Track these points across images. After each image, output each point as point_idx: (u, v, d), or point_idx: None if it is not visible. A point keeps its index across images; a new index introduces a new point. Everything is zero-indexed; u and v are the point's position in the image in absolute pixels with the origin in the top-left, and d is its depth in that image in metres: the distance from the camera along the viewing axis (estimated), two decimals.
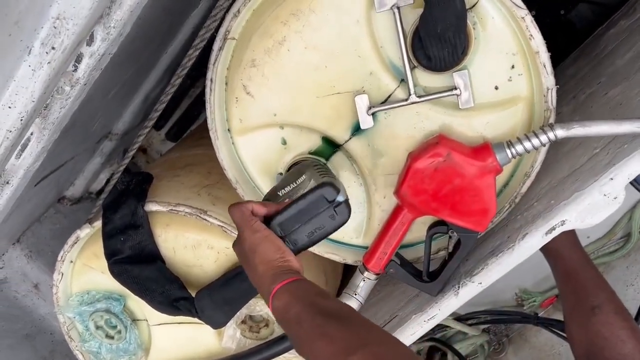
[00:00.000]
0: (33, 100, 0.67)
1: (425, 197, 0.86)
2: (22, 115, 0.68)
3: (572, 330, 1.18)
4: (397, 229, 0.91)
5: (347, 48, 0.85)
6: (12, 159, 0.88)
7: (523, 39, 0.80)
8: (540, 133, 0.81)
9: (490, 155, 0.82)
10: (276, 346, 0.99)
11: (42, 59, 0.62)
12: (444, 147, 0.83)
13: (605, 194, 0.79)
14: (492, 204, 0.84)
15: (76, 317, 1.17)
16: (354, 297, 0.95)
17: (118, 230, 1.00)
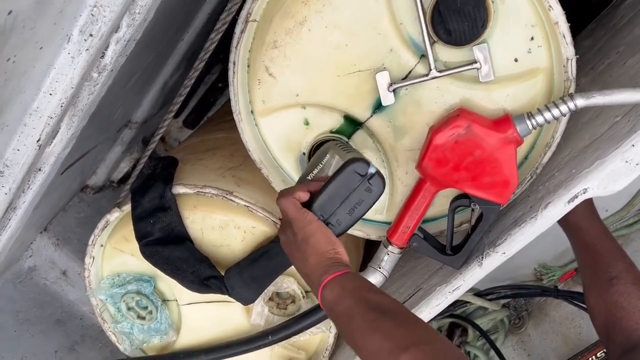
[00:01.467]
0: (72, 87, 0.69)
1: (446, 169, 0.87)
2: (62, 102, 0.70)
3: (591, 301, 1.20)
4: (419, 203, 0.93)
5: (367, 26, 0.87)
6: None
7: (542, 10, 0.81)
8: (560, 103, 0.82)
9: (511, 127, 0.83)
10: (304, 320, 1.02)
11: (81, 47, 0.64)
12: (464, 120, 0.84)
13: (627, 160, 0.80)
14: (514, 176, 0.86)
15: (108, 299, 1.21)
16: (379, 270, 0.98)
17: (147, 213, 1.03)
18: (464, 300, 1.78)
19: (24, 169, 0.79)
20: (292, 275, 1.08)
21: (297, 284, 1.08)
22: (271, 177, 1.02)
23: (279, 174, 1.02)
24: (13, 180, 0.80)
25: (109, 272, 1.19)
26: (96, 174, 1.81)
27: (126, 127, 1.72)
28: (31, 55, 0.60)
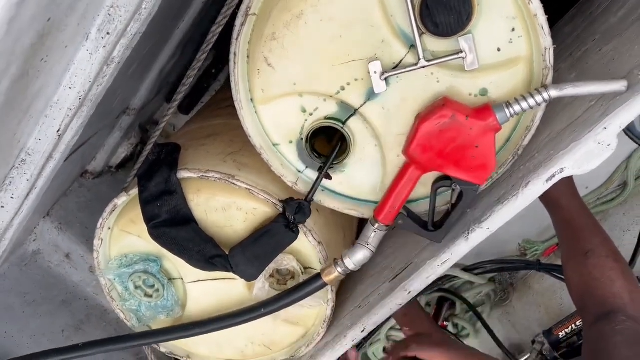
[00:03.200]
0: (90, 80, 0.75)
1: (431, 155, 0.94)
2: (80, 95, 0.76)
3: (569, 273, 1.28)
4: (405, 185, 1.00)
5: (359, 18, 0.92)
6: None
7: (522, 3, 0.87)
8: (535, 94, 0.89)
9: (491, 115, 0.90)
10: (297, 292, 1.10)
11: (99, 44, 0.69)
12: (449, 109, 0.91)
13: (599, 142, 0.88)
14: (492, 160, 0.93)
15: (116, 278, 1.26)
16: (367, 247, 1.05)
17: (154, 196, 1.09)
18: (452, 275, 1.87)
19: (45, 157, 0.85)
20: (292, 253, 1.15)
21: (296, 261, 1.15)
22: (270, 162, 1.08)
23: (277, 158, 1.09)
24: (35, 167, 0.86)
25: (116, 253, 1.25)
26: (95, 160, 1.86)
27: (124, 114, 1.77)
28: (58, 54, 0.66)
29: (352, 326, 1.15)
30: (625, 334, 1.08)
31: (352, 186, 1.10)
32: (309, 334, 1.27)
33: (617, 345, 1.06)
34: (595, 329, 1.15)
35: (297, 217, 1.07)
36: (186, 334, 1.20)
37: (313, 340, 1.25)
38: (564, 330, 1.62)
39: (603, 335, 1.12)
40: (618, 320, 1.11)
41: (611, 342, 1.08)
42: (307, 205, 1.07)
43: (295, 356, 1.30)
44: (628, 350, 1.05)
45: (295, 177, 1.10)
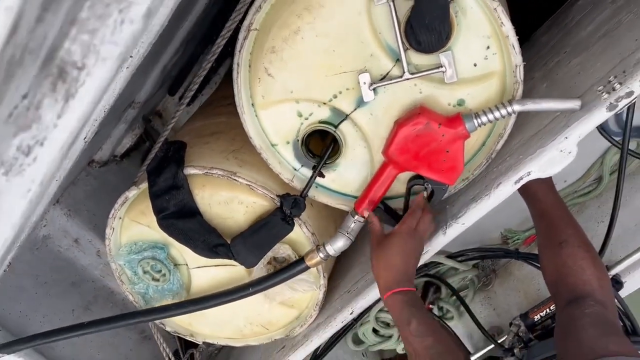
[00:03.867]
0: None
1: (407, 156, 1.07)
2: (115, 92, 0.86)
3: (544, 262, 1.40)
4: (383, 182, 1.12)
5: (351, 35, 1.02)
6: None
7: (496, 25, 0.97)
8: (501, 107, 1.00)
9: (460, 124, 1.02)
10: (283, 273, 1.22)
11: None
12: (424, 117, 1.03)
13: (561, 150, 0.99)
14: (460, 164, 1.05)
15: (126, 264, 1.38)
16: (347, 235, 1.17)
17: (163, 191, 1.20)
18: (437, 261, 1.98)
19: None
20: (288, 243, 1.26)
21: (292, 249, 1.27)
22: (269, 160, 1.19)
23: (275, 157, 1.19)
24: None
25: (126, 240, 1.36)
26: (101, 150, 1.96)
27: (129, 107, 1.87)
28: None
29: (342, 309, 1.27)
30: (592, 317, 1.20)
31: (343, 183, 1.21)
32: (303, 316, 1.40)
33: (585, 326, 1.18)
34: (566, 312, 1.27)
35: (292, 211, 1.18)
36: (182, 311, 1.31)
37: (306, 321, 1.38)
38: (539, 313, 1.74)
39: (573, 318, 1.23)
40: (587, 304, 1.23)
41: (579, 324, 1.20)
42: (302, 201, 1.18)
43: (290, 335, 1.42)
44: (594, 331, 1.16)
45: (291, 174, 1.21)
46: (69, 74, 0.38)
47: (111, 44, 0.38)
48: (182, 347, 1.67)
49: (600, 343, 1.10)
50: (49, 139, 0.45)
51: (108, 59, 0.39)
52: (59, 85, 0.38)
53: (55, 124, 0.43)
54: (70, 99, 0.40)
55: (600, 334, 1.13)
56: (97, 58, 0.39)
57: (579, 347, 1.12)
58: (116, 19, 0.37)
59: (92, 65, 0.39)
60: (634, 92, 0.91)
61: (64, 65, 0.37)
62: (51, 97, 0.39)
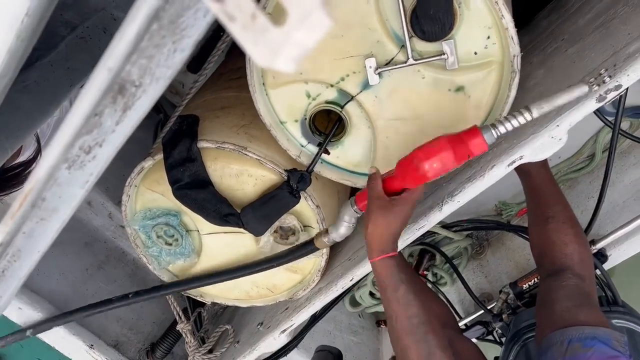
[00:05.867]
0: None
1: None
2: None
3: (531, 235, 1.49)
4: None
5: (359, 21, 1.08)
6: None
7: (497, 16, 1.03)
8: (518, 115, 0.96)
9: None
10: (295, 254, 1.30)
11: None
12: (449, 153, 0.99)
13: (552, 136, 1.06)
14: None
15: (140, 229, 1.46)
16: (349, 225, 1.18)
17: (178, 163, 1.27)
18: (432, 230, 2.08)
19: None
20: (294, 214, 1.34)
21: (297, 220, 1.35)
22: (278, 137, 1.26)
23: (284, 135, 1.26)
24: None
25: (141, 207, 1.44)
26: None
27: None
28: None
29: (342, 275, 1.36)
30: (568, 289, 1.29)
31: (347, 160, 1.28)
32: (306, 281, 1.49)
33: (560, 298, 1.27)
34: (546, 283, 1.37)
35: (299, 185, 1.26)
36: (214, 280, 1.42)
37: (309, 286, 1.47)
38: (527, 282, 1.84)
39: (551, 289, 1.33)
40: (565, 277, 1.32)
41: (555, 295, 1.29)
42: (307, 176, 1.25)
43: (293, 298, 1.52)
44: (568, 302, 1.26)
45: (298, 150, 1.28)
46: (128, 90, 0.45)
47: (164, 67, 0.45)
48: (191, 306, 1.78)
49: (570, 313, 1.19)
50: (107, 141, 0.52)
51: (161, 79, 0.46)
52: (118, 98, 0.45)
53: (113, 130, 0.50)
54: (127, 110, 0.47)
55: (573, 305, 1.22)
56: (152, 78, 0.45)
57: (551, 316, 1.22)
58: (170, 48, 0.44)
59: (147, 84, 0.45)
60: (622, 86, 0.97)
61: (124, 82, 0.44)
62: (111, 108, 0.46)
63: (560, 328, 1.17)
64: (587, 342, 1.11)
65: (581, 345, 1.11)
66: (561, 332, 1.16)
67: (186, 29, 0.44)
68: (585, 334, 1.13)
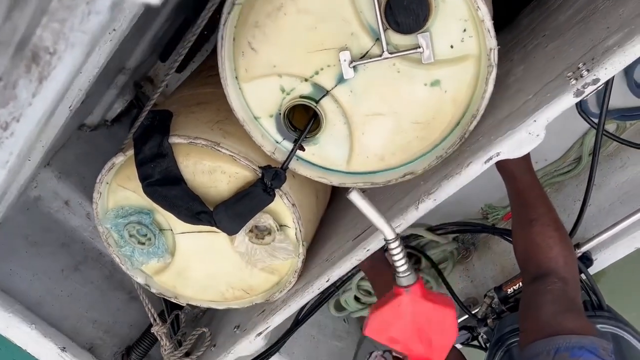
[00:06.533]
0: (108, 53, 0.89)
1: None
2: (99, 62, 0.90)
3: (515, 238, 1.45)
4: None
5: (333, 13, 1.05)
6: None
7: (473, 9, 1.00)
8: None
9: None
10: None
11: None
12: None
13: (530, 132, 1.03)
14: None
15: (112, 227, 1.42)
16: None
17: (148, 158, 1.24)
18: (417, 234, 2.05)
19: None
20: (269, 212, 1.31)
21: (273, 219, 1.31)
22: (252, 133, 1.22)
23: (258, 130, 1.23)
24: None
25: (113, 205, 1.41)
26: (92, 114, 1.99)
27: (120, 73, 1.89)
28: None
29: (319, 277, 1.33)
30: (553, 293, 1.26)
31: (323, 157, 1.25)
32: (282, 282, 1.46)
33: (545, 303, 1.24)
34: (530, 287, 1.33)
35: (273, 182, 1.22)
36: None
37: (285, 287, 1.44)
38: (512, 287, 1.81)
39: (536, 293, 1.30)
40: (550, 281, 1.29)
41: (540, 300, 1.26)
42: (282, 173, 1.22)
43: (270, 300, 1.48)
44: (553, 307, 1.23)
45: (273, 147, 1.25)
46: (42, 58, 0.42)
47: (80, 32, 0.42)
48: (168, 309, 1.74)
49: (555, 320, 1.16)
50: (25, 115, 0.49)
51: (77, 45, 0.43)
52: (32, 67, 0.42)
53: (30, 102, 0.46)
54: (43, 80, 0.44)
55: (558, 311, 1.19)
56: (67, 44, 0.42)
57: (536, 322, 1.19)
58: (83, 10, 0.41)
59: (62, 51, 0.42)
60: (600, 80, 0.95)
61: (37, 50, 0.41)
62: (26, 78, 0.43)
63: (547, 336, 1.14)
64: (575, 352, 1.09)
65: (568, 355, 1.09)
66: (547, 341, 1.13)
67: None
68: (572, 343, 1.10)
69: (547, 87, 1.04)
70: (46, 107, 0.50)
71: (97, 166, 1.39)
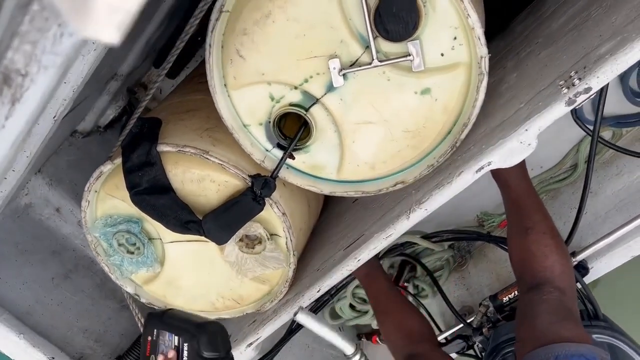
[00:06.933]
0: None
1: None
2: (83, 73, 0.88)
3: (511, 246, 1.44)
4: None
5: (321, 20, 1.03)
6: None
7: (463, 16, 0.99)
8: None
9: None
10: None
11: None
12: None
13: (521, 141, 1.01)
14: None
15: (101, 236, 1.40)
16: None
17: (136, 167, 1.22)
18: (413, 241, 2.03)
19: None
20: (259, 221, 1.29)
21: (263, 228, 1.30)
22: (241, 141, 1.21)
23: (248, 138, 1.21)
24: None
25: (102, 213, 1.39)
26: (85, 120, 1.97)
27: (112, 79, 1.87)
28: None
29: (310, 287, 1.31)
30: (549, 303, 1.24)
31: (313, 166, 1.23)
32: (273, 292, 1.44)
33: (541, 312, 1.23)
34: (526, 297, 1.32)
35: (263, 191, 1.20)
36: None
37: (276, 297, 1.42)
38: (508, 295, 1.78)
39: (532, 303, 1.28)
40: (546, 290, 1.27)
41: (536, 310, 1.25)
42: (272, 181, 1.20)
43: (261, 310, 1.46)
44: (549, 317, 1.21)
45: (262, 155, 1.23)
46: (14, 80, 0.40)
47: (52, 55, 0.40)
48: None
49: (552, 329, 1.15)
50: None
51: (50, 67, 0.41)
52: (4, 90, 0.41)
53: (3, 125, 0.45)
54: (16, 102, 0.42)
55: (554, 321, 1.18)
56: (39, 66, 0.41)
57: (533, 332, 1.17)
58: (55, 32, 0.39)
59: (35, 73, 0.41)
60: (591, 89, 0.93)
61: (9, 72, 0.39)
62: None
63: (544, 345, 1.12)
64: None
65: None
66: (545, 350, 1.11)
67: None
68: (570, 351, 1.08)
69: (539, 96, 1.03)
70: (20, 129, 0.48)
71: (89, 173, 1.37)
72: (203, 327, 1.07)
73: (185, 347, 1.03)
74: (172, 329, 1.07)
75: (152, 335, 1.09)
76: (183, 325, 1.07)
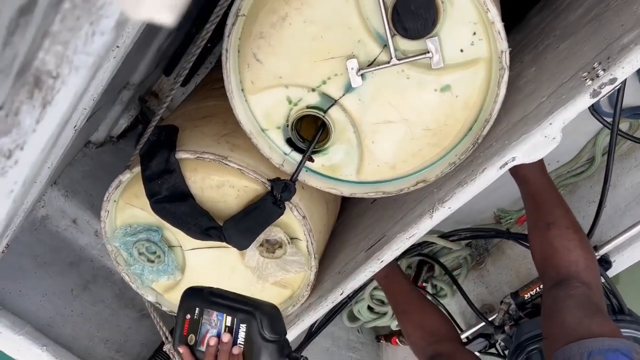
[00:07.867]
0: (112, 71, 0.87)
1: None
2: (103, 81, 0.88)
3: (532, 242, 1.42)
4: None
5: (338, 21, 1.03)
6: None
7: (482, 11, 0.98)
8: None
9: None
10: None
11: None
12: None
13: (546, 135, 1.00)
14: None
15: (121, 246, 1.40)
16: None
17: (155, 175, 1.22)
18: (430, 241, 2.01)
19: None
20: (279, 226, 1.28)
21: (284, 232, 1.29)
22: (259, 145, 1.20)
23: (266, 142, 1.21)
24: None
25: (121, 223, 1.39)
26: (98, 131, 1.98)
27: (124, 89, 1.88)
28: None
29: (332, 290, 1.30)
30: (576, 298, 1.23)
31: (333, 168, 1.22)
32: (295, 296, 1.43)
33: (569, 308, 1.21)
34: (551, 293, 1.30)
35: (283, 195, 1.20)
36: None
37: (298, 301, 1.41)
38: (529, 292, 1.77)
39: (557, 299, 1.26)
40: (572, 285, 1.26)
41: (564, 305, 1.23)
42: (291, 185, 1.19)
43: (283, 314, 1.45)
44: (578, 312, 1.19)
45: (281, 159, 1.22)
46: (45, 83, 0.40)
47: (84, 55, 0.40)
48: None
49: (583, 324, 1.13)
50: (29, 143, 0.46)
51: (81, 67, 0.40)
52: (35, 93, 0.40)
53: (34, 129, 0.44)
54: (47, 105, 0.42)
55: (584, 315, 1.16)
56: (71, 67, 0.40)
57: (562, 328, 1.15)
58: (87, 31, 0.39)
59: (66, 74, 0.40)
60: (617, 79, 0.92)
61: (40, 74, 0.39)
62: (29, 104, 0.41)
63: (575, 340, 1.10)
64: (609, 355, 1.06)
65: (602, 358, 1.05)
66: (578, 345, 1.09)
67: (104, 7, 0.38)
68: (605, 346, 1.07)
69: (561, 89, 1.01)
70: (51, 133, 0.47)
71: (104, 183, 1.37)
72: (261, 308, 0.99)
73: (242, 328, 0.96)
74: (221, 308, 0.99)
75: (193, 313, 1.01)
76: (236, 305, 0.99)
